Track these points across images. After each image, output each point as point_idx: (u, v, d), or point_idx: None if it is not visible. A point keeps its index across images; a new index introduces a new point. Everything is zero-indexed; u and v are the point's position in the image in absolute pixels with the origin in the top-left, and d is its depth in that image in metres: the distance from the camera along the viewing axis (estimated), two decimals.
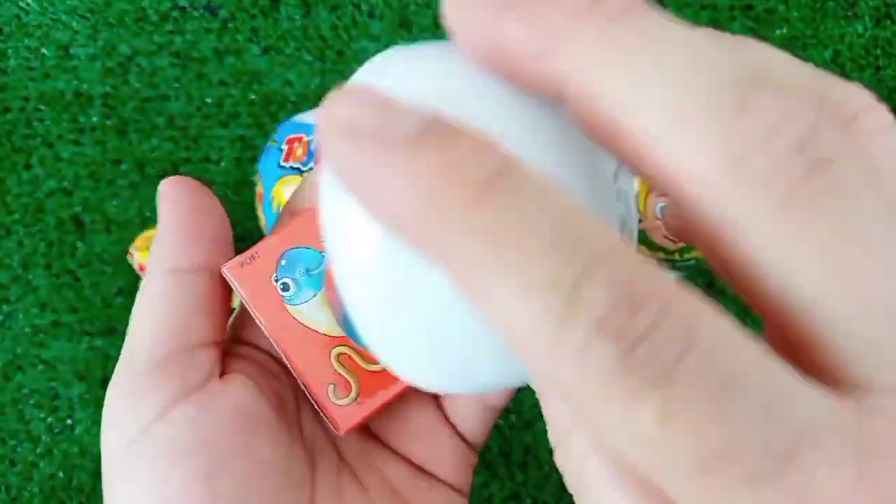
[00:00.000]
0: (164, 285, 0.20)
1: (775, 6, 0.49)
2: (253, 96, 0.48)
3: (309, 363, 0.20)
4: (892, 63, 0.49)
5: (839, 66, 0.49)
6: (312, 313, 0.20)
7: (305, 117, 0.41)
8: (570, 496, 0.41)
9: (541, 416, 0.47)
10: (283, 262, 0.20)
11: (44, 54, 0.48)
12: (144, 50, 0.48)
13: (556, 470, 0.47)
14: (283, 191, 0.40)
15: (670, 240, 0.41)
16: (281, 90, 0.48)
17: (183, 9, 0.48)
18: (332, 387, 0.20)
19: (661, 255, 0.42)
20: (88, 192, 0.48)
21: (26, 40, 0.48)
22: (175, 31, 0.48)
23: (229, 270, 0.20)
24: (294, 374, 0.20)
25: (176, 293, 0.19)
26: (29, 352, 0.47)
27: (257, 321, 0.20)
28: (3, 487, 0.46)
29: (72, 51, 0.48)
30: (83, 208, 0.48)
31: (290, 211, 0.22)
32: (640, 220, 0.42)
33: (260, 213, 0.42)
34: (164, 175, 0.48)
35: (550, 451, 0.47)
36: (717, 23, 0.48)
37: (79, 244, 0.47)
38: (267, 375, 0.21)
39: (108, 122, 0.48)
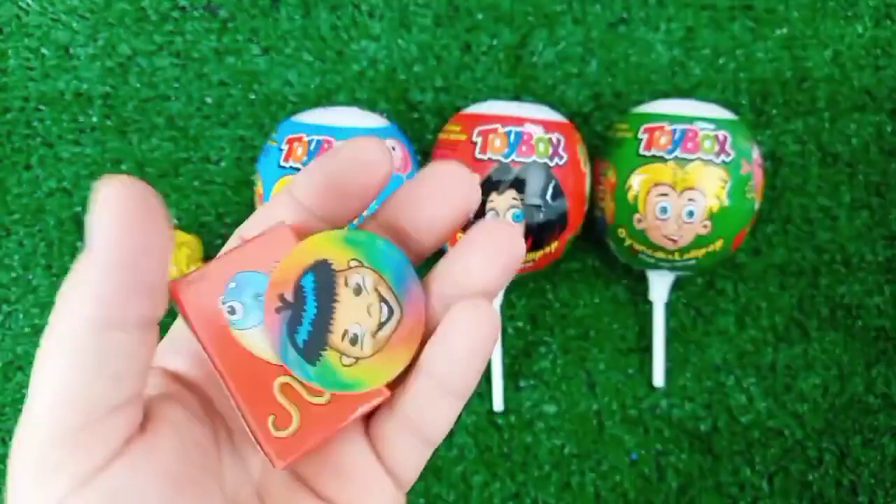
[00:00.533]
0: (81, 344, 0.16)
1: (775, 6, 0.49)
2: (253, 96, 0.48)
3: (250, 392, 0.19)
4: (892, 63, 0.49)
5: (839, 66, 0.49)
6: (259, 340, 0.19)
7: (305, 117, 0.41)
8: (570, 496, 0.41)
9: (540, 416, 0.47)
10: (231, 286, 0.19)
11: (44, 54, 0.48)
12: (144, 50, 0.48)
13: (556, 469, 0.47)
14: None
15: (670, 239, 0.41)
16: (281, 90, 0.48)
17: (183, 9, 0.48)
18: (272, 418, 0.19)
19: (661, 254, 0.42)
20: (88, 192, 0.48)
21: (26, 40, 0.48)
22: (175, 31, 0.48)
23: (175, 288, 0.19)
24: (232, 403, 0.19)
25: (94, 356, 0.16)
26: (29, 352, 0.47)
27: (200, 345, 0.19)
28: (3, 487, 0.46)
29: (72, 51, 0.48)
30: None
31: (240, 235, 0.21)
32: (640, 220, 0.42)
33: None
34: (164, 175, 0.48)
35: (550, 451, 0.47)
36: (717, 23, 0.48)
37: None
38: (189, 420, 0.19)
39: (108, 122, 0.48)
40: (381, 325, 0.20)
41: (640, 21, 0.48)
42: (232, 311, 0.19)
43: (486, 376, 0.47)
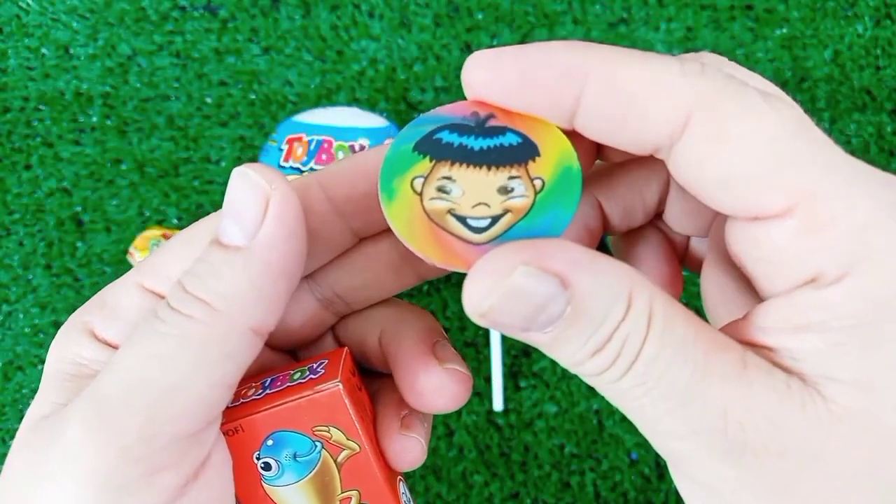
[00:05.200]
0: (239, 345, 0.16)
1: (775, 6, 0.49)
2: (253, 96, 0.48)
3: None
4: (892, 63, 0.49)
5: (839, 66, 0.49)
6: (290, 498, 0.19)
7: (305, 117, 0.41)
8: (570, 496, 0.41)
9: (540, 415, 0.47)
10: (269, 443, 0.19)
11: (44, 54, 0.48)
12: (144, 50, 0.48)
13: (557, 469, 0.47)
14: None
15: None
16: (281, 90, 0.48)
17: (183, 9, 0.48)
18: None
19: None
20: (88, 192, 0.48)
21: (26, 40, 0.48)
22: (175, 31, 0.48)
23: None
24: None
25: (243, 358, 0.16)
26: (29, 352, 0.47)
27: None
28: None
29: (72, 51, 0.48)
30: (83, 208, 0.48)
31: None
32: None
33: None
34: (164, 175, 0.48)
35: (550, 451, 0.47)
36: (717, 23, 0.48)
37: (79, 244, 0.47)
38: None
39: (108, 122, 0.48)
40: None
41: (640, 21, 0.48)
42: (266, 468, 0.19)
43: (486, 376, 0.47)
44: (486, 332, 0.46)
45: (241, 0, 0.48)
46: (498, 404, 0.47)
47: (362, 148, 0.40)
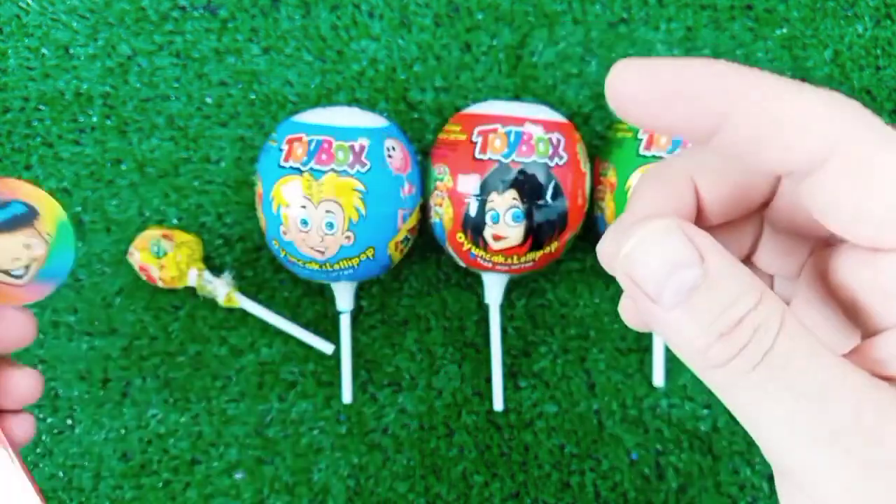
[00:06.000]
0: None
1: (775, 6, 0.49)
2: (253, 96, 0.48)
3: None
4: (892, 63, 0.49)
5: (839, 66, 0.49)
6: None
7: (305, 117, 0.41)
8: (570, 496, 0.41)
9: (540, 415, 0.47)
10: None
11: (44, 54, 0.48)
12: (144, 50, 0.48)
13: (557, 469, 0.47)
14: (283, 191, 0.40)
15: None
16: (281, 90, 0.48)
17: (183, 9, 0.48)
18: None
19: None
20: (88, 192, 0.48)
21: (26, 40, 0.48)
22: (175, 31, 0.48)
23: None
24: None
25: None
26: (29, 351, 0.47)
27: None
28: None
29: (72, 51, 0.48)
30: (83, 208, 0.48)
31: None
32: None
33: (260, 214, 0.42)
34: (164, 175, 0.48)
35: (550, 451, 0.47)
36: (717, 23, 0.48)
37: (79, 244, 0.47)
38: None
39: (108, 122, 0.48)
40: None
41: (640, 21, 0.48)
42: None
43: (487, 376, 0.47)
44: (487, 332, 0.46)
45: (241, 0, 0.48)
46: (498, 404, 0.47)
47: (363, 148, 0.40)
